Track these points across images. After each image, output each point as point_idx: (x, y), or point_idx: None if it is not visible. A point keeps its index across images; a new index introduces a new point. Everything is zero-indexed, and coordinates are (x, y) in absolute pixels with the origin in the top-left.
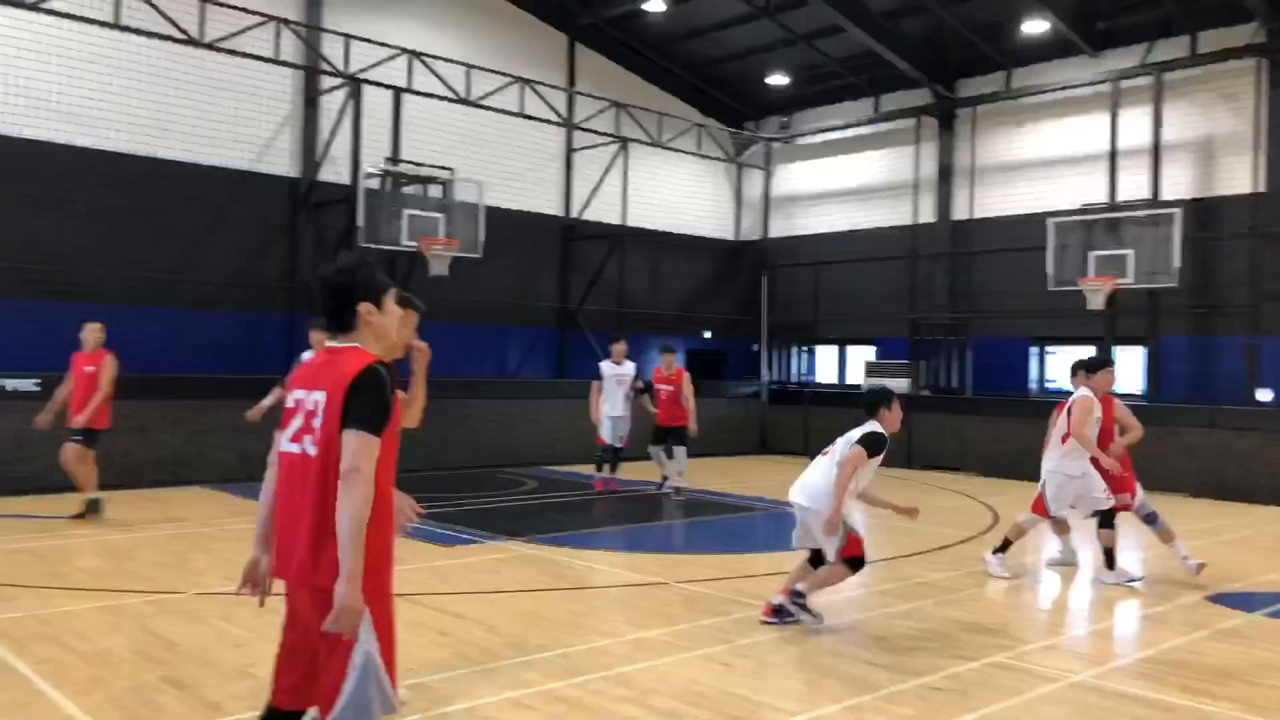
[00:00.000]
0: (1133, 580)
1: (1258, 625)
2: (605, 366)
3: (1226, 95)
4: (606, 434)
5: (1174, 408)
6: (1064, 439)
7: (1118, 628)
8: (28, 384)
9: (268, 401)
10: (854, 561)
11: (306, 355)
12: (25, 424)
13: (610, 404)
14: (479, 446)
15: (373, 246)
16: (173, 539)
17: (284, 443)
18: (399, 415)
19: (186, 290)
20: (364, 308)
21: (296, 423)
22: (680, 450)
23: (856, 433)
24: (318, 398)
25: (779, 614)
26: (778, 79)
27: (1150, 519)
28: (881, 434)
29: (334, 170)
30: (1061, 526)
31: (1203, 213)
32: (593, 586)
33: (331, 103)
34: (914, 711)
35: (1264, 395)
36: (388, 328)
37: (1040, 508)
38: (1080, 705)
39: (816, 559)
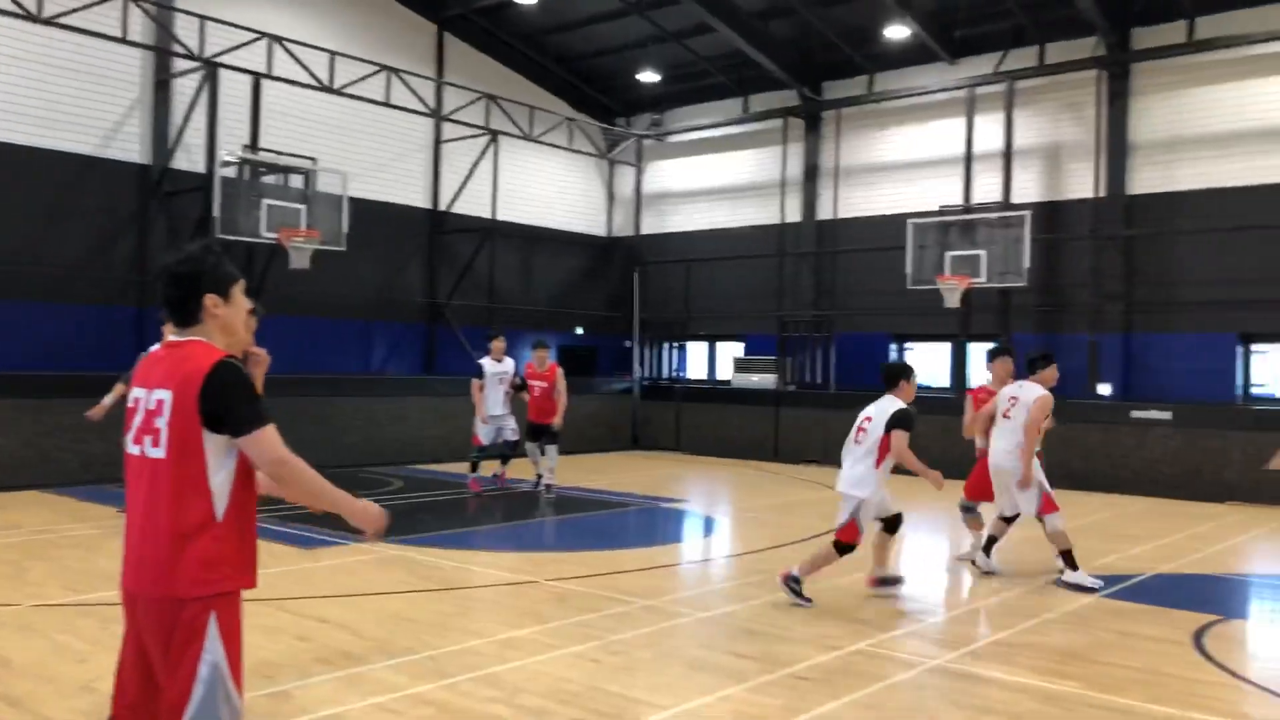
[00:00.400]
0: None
1: (1099, 607)
2: (486, 364)
3: (1071, 104)
4: (485, 435)
5: None
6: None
7: (971, 614)
8: None
9: (109, 400)
10: (842, 547)
11: (155, 349)
12: None
13: (491, 402)
14: (342, 446)
15: (230, 237)
16: (7, 548)
17: (128, 445)
18: None
19: (26, 282)
20: (210, 299)
21: (136, 423)
22: (552, 448)
23: (882, 415)
24: (161, 396)
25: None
26: (649, 76)
27: (968, 509)
28: (908, 409)
29: (188, 158)
30: (976, 522)
31: (1050, 215)
32: (461, 587)
33: (185, 86)
34: (782, 701)
35: (1104, 389)
36: (235, 321)
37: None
38: (938, 689)
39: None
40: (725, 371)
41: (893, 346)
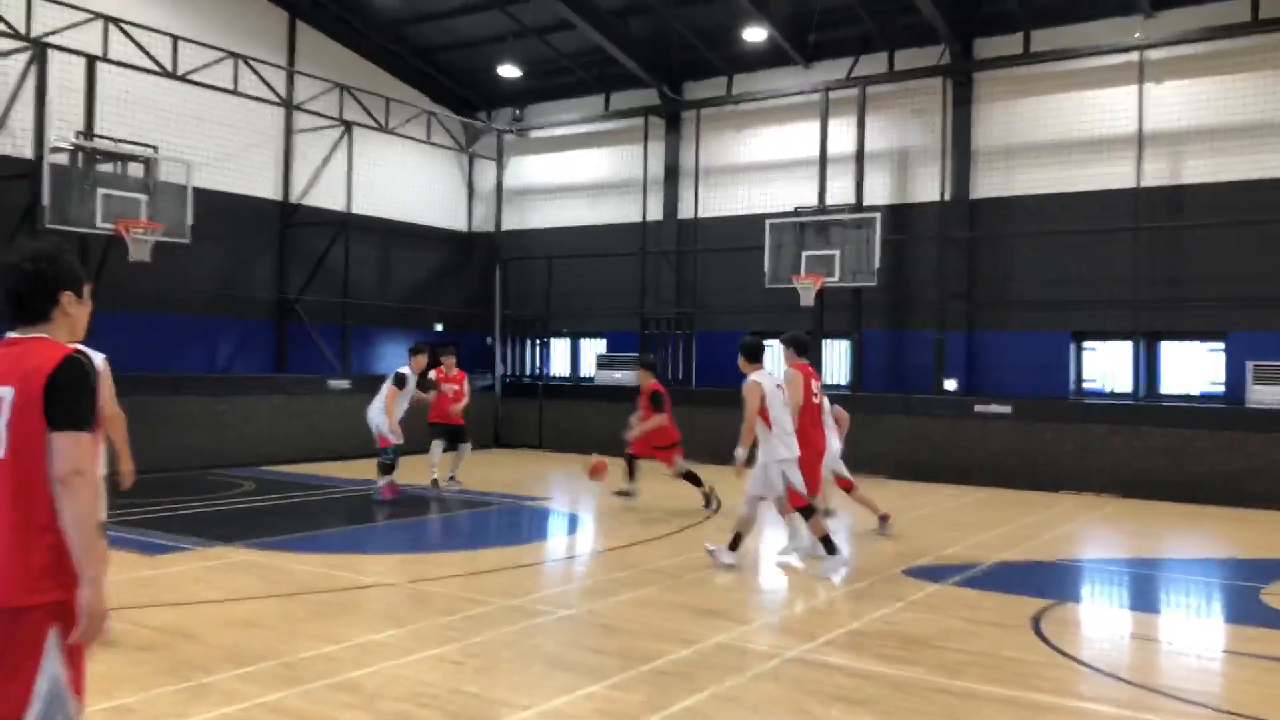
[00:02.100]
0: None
1: (945, 594)
2: (408, 374)
3: (918, 110)
4: (396, 438)
5: (874, 396)
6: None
7: (825, 604)
8: None
9: None
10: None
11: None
12: None
13: (397, 412)
14: (187, 447)
15: (61, 228)
16: None
17: None
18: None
19: None
20: (66, 297)
21: None
22: (467, 445)
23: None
24: (2, 393)
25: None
26: (509, 70)
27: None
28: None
29: (12, 143)
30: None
31: (899, 218)
32: (315, 591)
33: (9, 68)
34: (644, 696)
35: (950, 384)
36: (83, 320)
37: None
38: (794, 679)
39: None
40: (589, 368)
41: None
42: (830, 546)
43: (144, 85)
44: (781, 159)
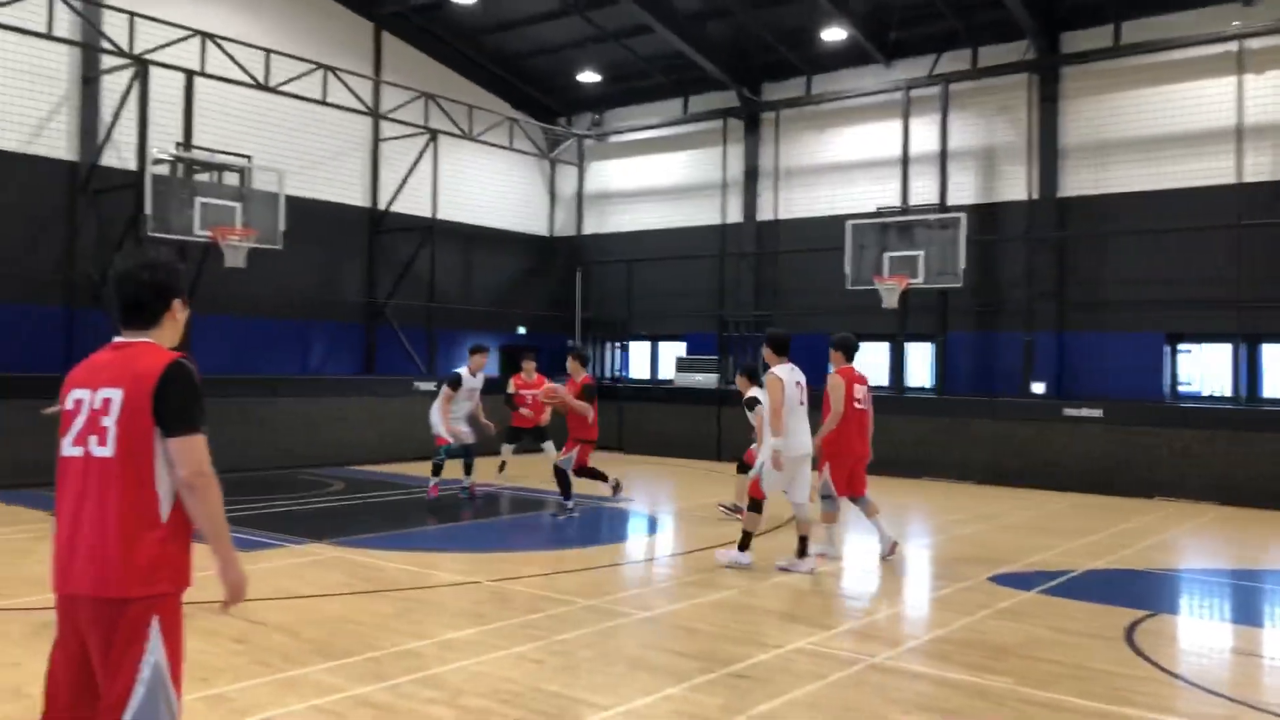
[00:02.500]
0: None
1: (1033, 603)
2: (464, 374)
3: (1004, 107)
4: (452, 439)
5: (960, 399)
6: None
7: (910, 610)
8: None
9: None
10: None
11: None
12: None
13: (455, 417)
14: (280, 448)
15: (162, 236)
16: None
17: (65, 447)
18: None
19: None
20: (176, 304)
21: (79, 424)
22: (549, 442)
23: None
24: (109, 395)
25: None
26: (589, 76)
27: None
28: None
29: (117, 155)
30: (830, 515)
31: (984, 217)
32: (402, 588)
33: (114, 83)
34: (723, 700)
35: (1038, 388)
36: (182, 327)
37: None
38: (876, 687)
39: None
40: (668, 371)
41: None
42: (745, 543)
43: (238, 97)
44: (862, 159)
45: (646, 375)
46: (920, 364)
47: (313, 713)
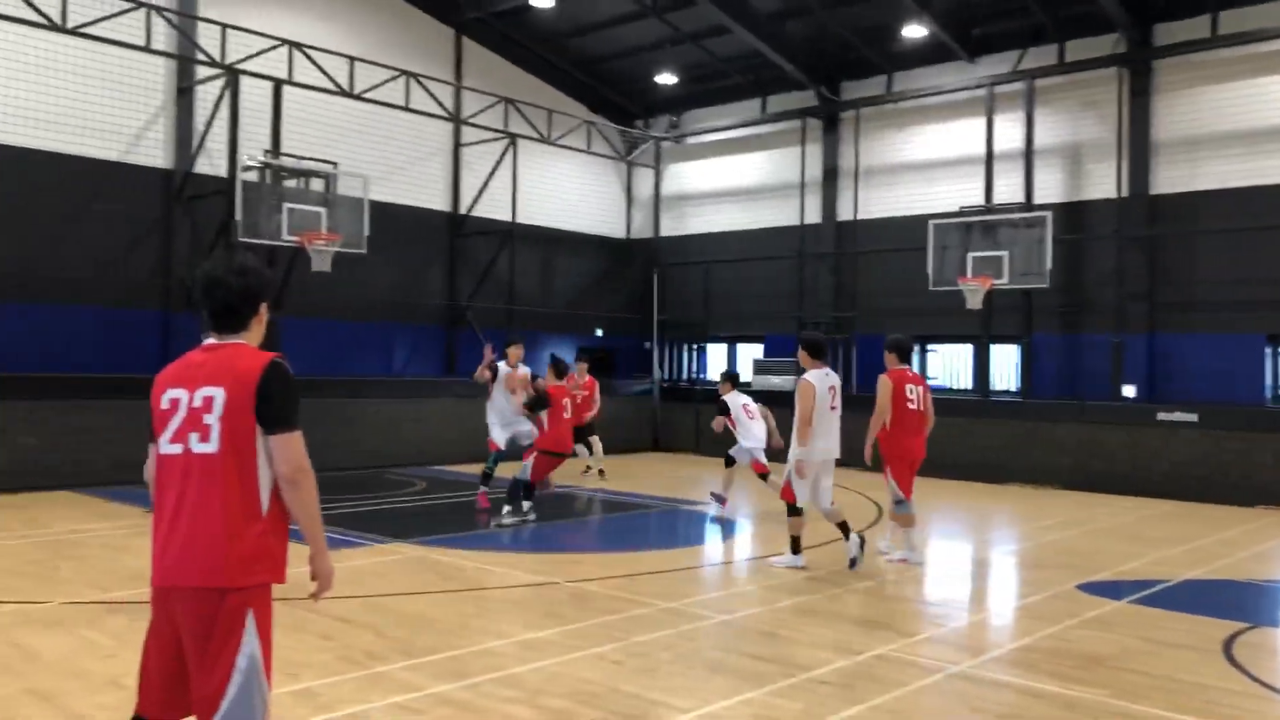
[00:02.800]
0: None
1: (1123, 612)
2: (502, 368)
3: (1092, 103)
4: (501, 438)
5: (1046, 403)
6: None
7: (994, 618)
8: None
9: None
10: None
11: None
12: None
13: (503, 407)
14: (364, 448)
15: (252, 241)
16: (37, 546)
17: (163, 445)
18: None
19: (51, 285)
20: (263, 308)
21: (177, 422)
22: (595, 438)
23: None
24: (210, 394)
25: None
26: (666, 77)
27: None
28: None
29: (210, 162)
30: (907, 519)
31: (1072, 216)
32: (482, 588)
33: (207, 93)
34: (803, 705)
35: (1129, 391)
36: (265, 328)
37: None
38: (959, 695)
39: None
40: (745, 373)
41: (914, 348)
42: (796, 547)
43: (324, 105)
44: (944, 157)
45: None
46: (1005, 366)
47: (394, 709)
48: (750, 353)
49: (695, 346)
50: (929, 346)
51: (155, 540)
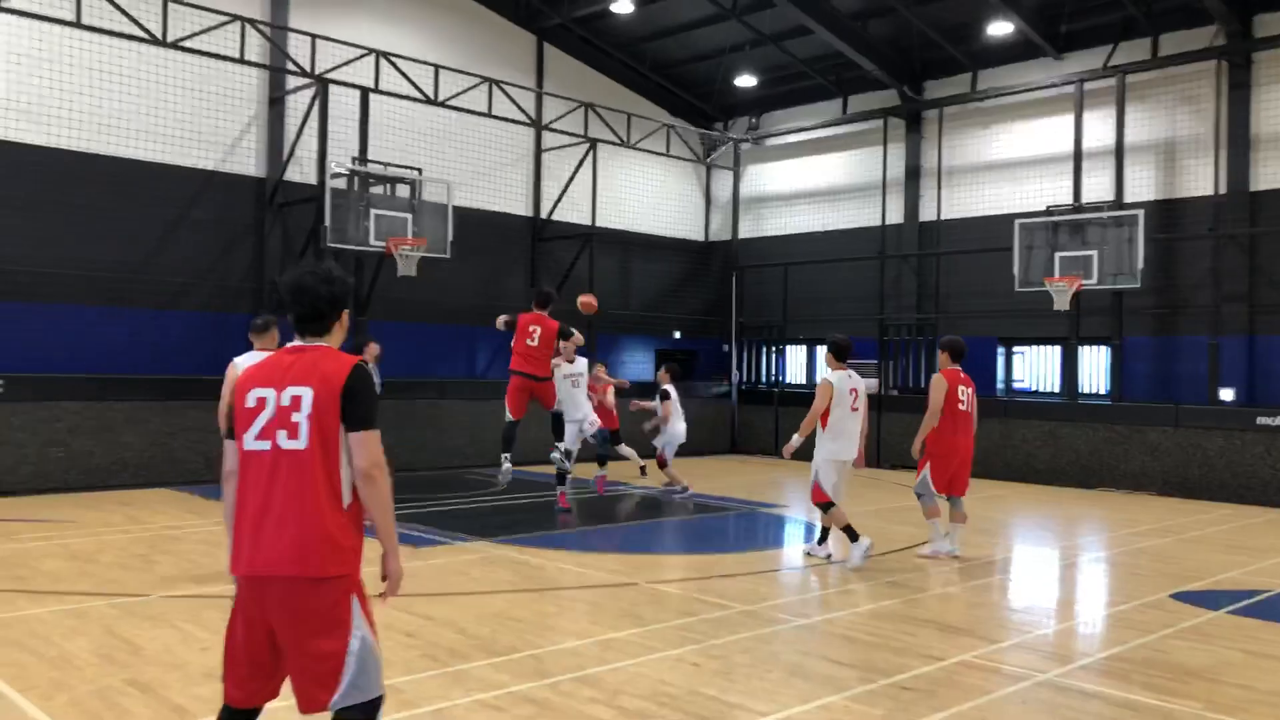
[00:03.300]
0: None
1: (1221, 623)
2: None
3: (1188, 97)
4: (568, 438)
5: (1138, 407)
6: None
7: (1083, 626)
8: None
9: None
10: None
11: (247, 358)
12: None
13: (570, 404)
14: (449, 447)
15: (340, 247)
16: (136, 541)
17: (249, 442)
18: None
19: (150, 290)
20: (345, 314)
21: (264, 420)
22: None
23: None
24: (298, 393)
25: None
26: (746, 79)
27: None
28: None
29: (300, 170)
30: (932, 509)
31: (1165, 214)
32: (562, 587)
33: (298, 102)
34: (884, 711)
35: (1226, 394)
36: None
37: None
38: (1046, 704)
39: None
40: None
41: (1000, 350)
42: (853, 534)
43: (409, 112)
44: (1031, 156)
45: (803, 380)
46: (1094, 369)
47: (477, 707)
48: None
49: (774, 349)
50: (1015, 349)
51: (240, 532)
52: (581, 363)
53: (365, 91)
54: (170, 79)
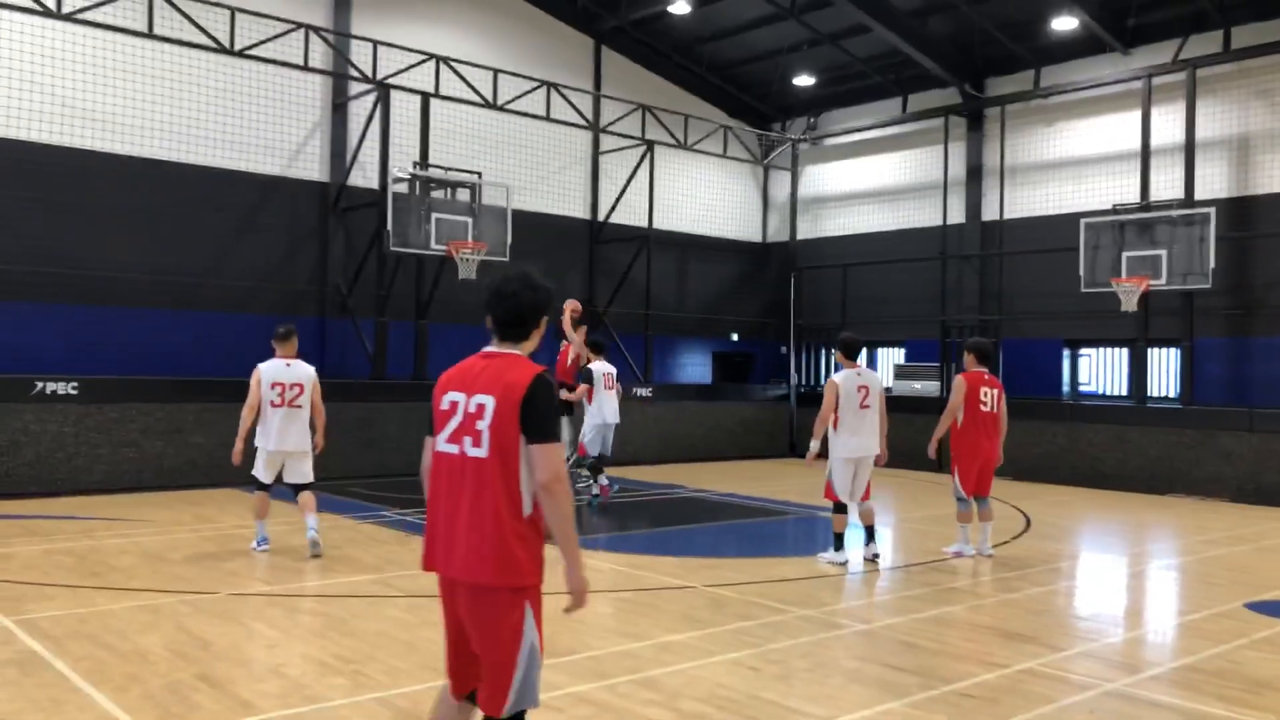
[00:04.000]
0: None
1: None
2: (594, 366)
3: (1262, 91)
4: (593, 445)
5: (1210, 410)
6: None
7: (1152, 635)
8: (66, 387)
9: None
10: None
11: (271, 365)
12: (64, 426)
13: (609, 409)
14: None
15: (402, 250)
16: (206, 540)
17: (441, 443)
18: None
19: (218, 294)
20: (543, 321)
21: (455, 423)
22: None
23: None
24: (483, 401)
25: None
26: (804, 79)
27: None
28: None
29: (363, 175)
30: (964, 515)
31: (1238, 212)
32: (619, 590)
33: (360, 108)
34: (945, 718)
35: None
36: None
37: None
38: (1114, 714)
39: None
40: (886, 378)
41: (1065, 352)
42: (839, 543)
43: (469, 116)
44: (1096, 153)
45: None
46: (1163, 371)
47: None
48: (891, 357)
49: (833, 351)
50: (1081, 351)
51: (433, 531)
52: (610, 365)
53: (426, 96)
54: (237, 87)
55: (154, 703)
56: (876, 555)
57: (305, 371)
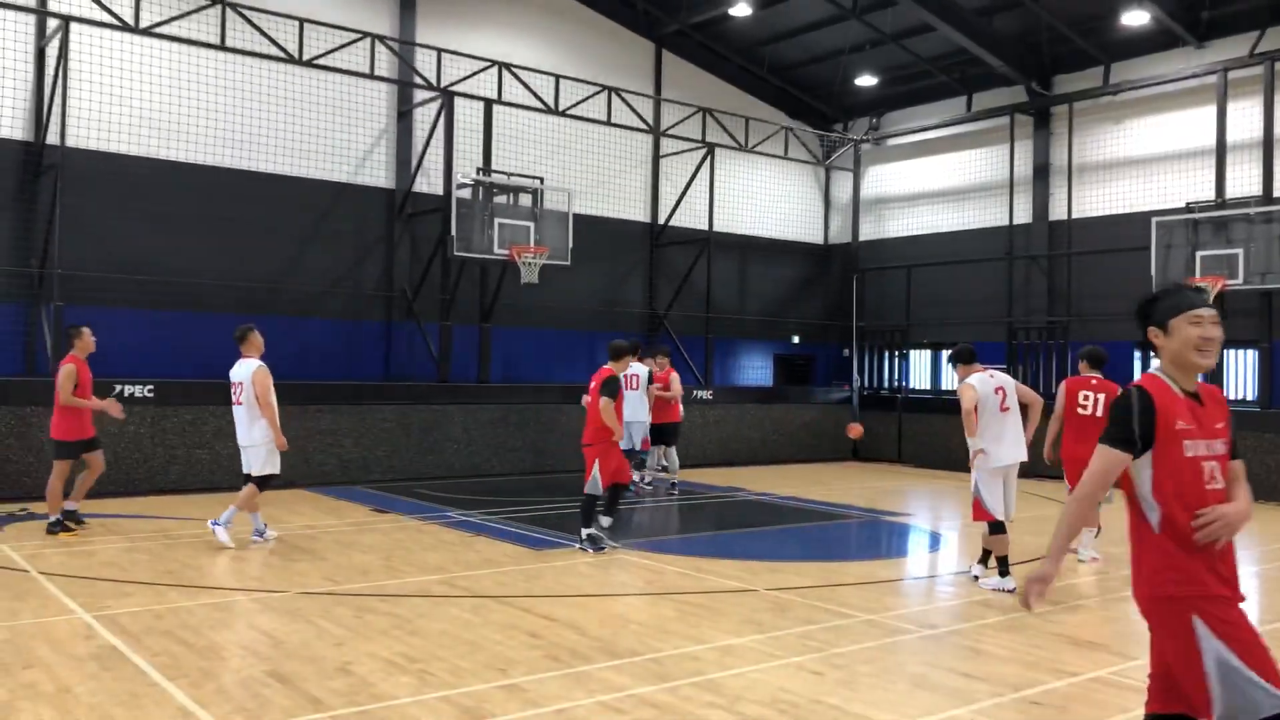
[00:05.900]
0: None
1: None
2: (640, 369)
3: None
4: (622, 442)
5: None
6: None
7: None
8: (143, 390)
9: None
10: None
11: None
12: (141, 428)
13: (630, 409)
14: (572, 450)
15: (465, 255)
16: (275, 539)
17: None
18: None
19: (288, 298)
20: (1150, 332)
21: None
22: (673, 449)
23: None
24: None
25: None
26: (866, 80)
27: None
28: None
29: (427, 181)
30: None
31: None
32: (682, 592)
33: (425, 115)
34: None
35: None
36: (1177, 350)
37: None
38: None
39: None
40: (951, 381)
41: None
42: (1004, 569)
43: (531, 121)
44: (1168, 151)
45: (927, 385)
46: (1240, 373)
47: (599, 708)
48: None
49: (896, 353)
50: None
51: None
52: (639, 367)
53: (489, 102)
54: (306, 96)
55: (226, 698)
56: (1013, 589)
57: (244, 370)
